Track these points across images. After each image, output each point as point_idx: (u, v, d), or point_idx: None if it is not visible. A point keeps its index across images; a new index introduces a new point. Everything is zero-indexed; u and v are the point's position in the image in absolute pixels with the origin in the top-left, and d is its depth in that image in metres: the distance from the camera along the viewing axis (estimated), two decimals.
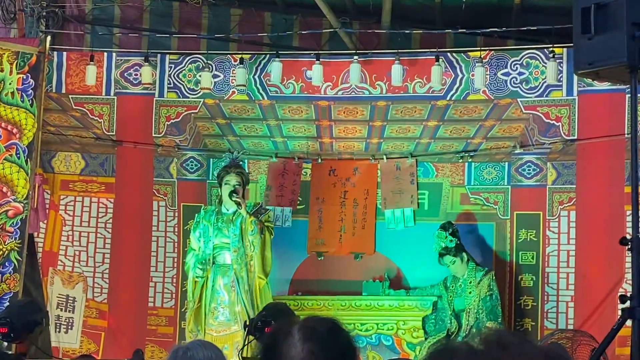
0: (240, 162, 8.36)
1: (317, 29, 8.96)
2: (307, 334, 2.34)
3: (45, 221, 8.50)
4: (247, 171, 8.48)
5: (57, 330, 8.53)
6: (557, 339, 6.67)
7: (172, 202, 8.83)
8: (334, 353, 2.36)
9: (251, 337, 6.04)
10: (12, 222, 8.13)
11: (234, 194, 7.97)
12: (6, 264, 8.06)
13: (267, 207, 8.48)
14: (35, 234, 8.45)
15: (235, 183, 8.03)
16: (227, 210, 8.04)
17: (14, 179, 8.18)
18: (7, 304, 7.63)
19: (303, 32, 9.07)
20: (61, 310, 8.57)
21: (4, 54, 8.29)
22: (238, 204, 7.96)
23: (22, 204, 8.15)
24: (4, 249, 8.09)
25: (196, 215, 8.27)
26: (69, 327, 8.62)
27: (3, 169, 8.18)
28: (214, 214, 8.09)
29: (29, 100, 8.27)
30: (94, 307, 8.68)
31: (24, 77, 8.28)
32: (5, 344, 6.08)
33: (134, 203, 8.81)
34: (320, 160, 8.96)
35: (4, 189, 8.17)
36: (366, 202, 8.90)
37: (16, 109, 8.25)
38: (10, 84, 8.26)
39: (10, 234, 8.10)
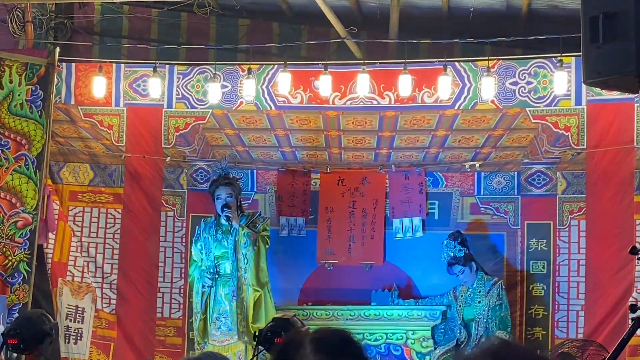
0: (229, 172, 8.23)
1: (325, 39, 8.97)
2: (319, 345, 2.34)
3: (54, 232, 8.52)
4: (236, 178, 8.34)
5: (67, 341, 8.53)
6: (567, 349, 6.65)
7: (181, 213, 8.83)
8: None
9: (260, 348, 6.05)
10: (22, 233, 8.15)
11: (224, 209, 7.91)
12: (15, 275, 8.08)
13: (264, 216, 8.41)
14: (45, 245, 8.46)
15: (226, 195, 7.98)
16: (225, 222, 8.02)
17: (23, 190, 8.20)
18: (17, 315, 7.64)
19: (311, 42, 9.09)
20: (70, 321, 8.57)
21: (13, 65, 8.32)
22: (228, 218, 7.91)
23: (31, 215, 8.17)
24: (13, 260, 8.10)
25: (197, 227, 8.28)
26: (79, 337, 8.62)
27: (12, 180, 8.20)
28: (213, 225, 8.09)
29: (37, 112, 8.29)
30: (103, 318, 8.68)
31: (33, 88, 8.31)
32: (15, 355, 6.08)
33: (142, 214, 8.82)
34: (328, 170, 8.95)
35: (13, 200, 8.18)
36: (375, 211, 8.88)
37: (25, 120, 8.28)
38: (19, 95, 8.28)
39: (19, 245, 8.12)
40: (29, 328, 6.01)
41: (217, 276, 7.94)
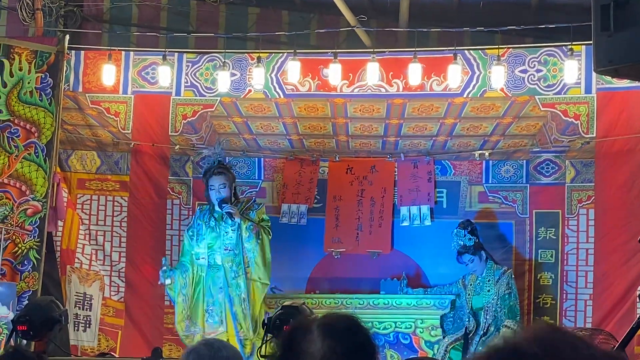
0: (220, 159, 7.93)
1: (334, 27, 8.96)
2: (326, 330, 2.34)
3: (63, 220, 8.53)
4: (230, 166, 8.07)
5: (76, 328, 8.55)
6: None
7: (187, 201, 8.83)
8: (353, 350, 2.35)
9: (270, 336, 6.05)
10: (31, 221, 8.16)
11: (223, 205, 7.64)
12: (25, 262, 8.10)
13: (259, 202, 8.16)
14: (54, 233, 8.48)
15: (219, 185, 7.71)
16: (219, 210, 7.81)
17: (32, 178, 8.22)
18: (27, 302, 7.66)
19: (320, 30, 9.07)
20: (79, 308, 8.60)
21: (23, 53, 8.32)
22: (230, 215, 7.65)
23: (41, 203, 8.18)
24: (23, 248, 8.12)
25: (192, 216, 8.22)
26: (87, 325, 8.65)
27: (22, 167, 8.21)
28: (207, 213, 7.89)
29: (47, 99, 8.30)
30: (111, 306, 8.70)
31: (43, 76, 8.31)
32: (25, 341, 6.09)
33: (148, 202, 8.83)
34: (337, 159, 8.95)
35: (23, 188, 8.20)
36: (383, 200, 8.87)
37: (35, 107, 8.29)
38: (28, 83, 8.29)
39: (29, 233, 8.13)
40: (38, 315, 6.00)
41: (181, 278, 7.76)
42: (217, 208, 7.80)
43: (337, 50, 8.39)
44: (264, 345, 6.23)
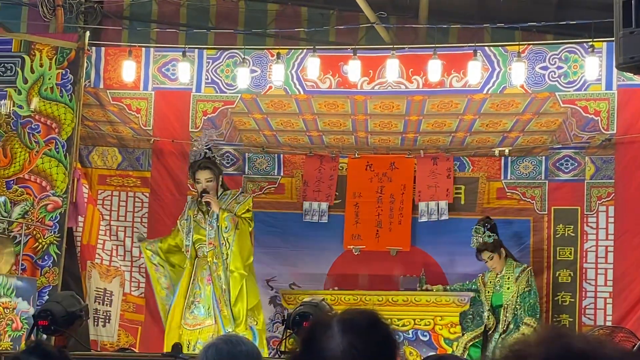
0: (207, 152, 7.72)
1: (353, 23, 8.96)
2: (346, 326, 2.32)
3: (83, 215, 8.56)
4: (216, 158, 7.85)
5: (96, 323, 8.59)
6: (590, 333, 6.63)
7: None
8: (374, 345, 2.31)
9: (289, 332, 6.06)
10: (52, 216, 8.21)
11: (203, 194, 7.55)
12: (45, 257, 8.14)
13: (246, 194, 8.03)
14: (74, 228, 8.52)
15: (205, 180, 7.58)
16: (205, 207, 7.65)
17: (53, 174, 8.26)
18: (47, 297, 7.70)
19: (340, 27, 9.07)
20: (99, 303, 8.63)
21: (44, 49, 8.36)
22: (208, 203, 7.55)
23: (61, 198, 8.22)
24: (44, 243, 8.16)
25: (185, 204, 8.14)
26: (107, 320, 8.68)
27: (42, 163, 8.25)
28: (195, 206, 7.74)
29: (68, 95, 8.34)
30: (131, 301, 8.73)
31: (63, 72, 8.35)
32: (45, 336, 6.12)
33: (169, 197, 8.85)
34: (357, 155, 8.95)
35: (44, 183, 8.24)
36: (403, 197, 8.86)
37: (55, 103, 8.33)
38: (49, 79, 8.33)
39: (49, 228, 8.18)
40: (59, 310, 6.03)
41: (151, 251, 7.72)
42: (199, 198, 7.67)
43: (357, 47, 8.39)
44: (283, 342, 6.25)
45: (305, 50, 8.44)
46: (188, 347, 7.38)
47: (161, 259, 7.80)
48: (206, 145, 7.68)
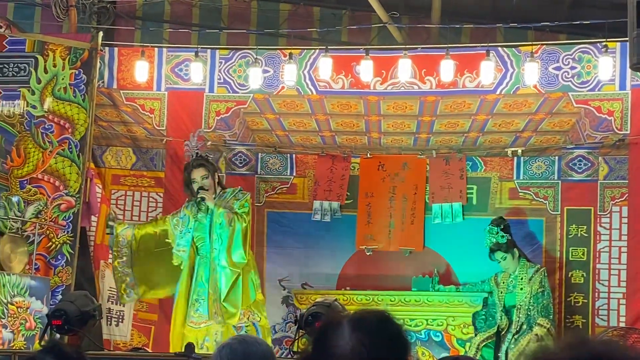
0: (198, 152, 7.80)
1: (366, 23, 8.96)
2: (356, 324, 2.32)
3: (97, 215, 8.59)
4: (208, 156, 7.95)
5: (109, 323, 8.61)
6: (609, 337, 6.61)
7: None
8: (383, 344, 2.31)
9: (302, 332, 6.06)
10: (65, 216, 8.23)
11: (199, 190, 7.58)
12: (59, 257, 8.17)
13: (245, 192, 7.97)
14: (87, 228, 8.54)
15: (201, 178, 7.63)
16: (202, 203, 7.66)
17: (66, 173, 8.29)
18: (60, 296, 7.72)
19: (352, 27, 9.07)
20: (112, 303, 8.65)
21: (57, 49, 8.38)
22: (203, 199, 7.59)
23: (75, 198, 8.24)
24: (57, 243, 8.19)
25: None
26: (120, 320, 8.70)
27: (56, 163, 8.28)
28: (194, 205, 7.75)
29: (81, 96, 8.36)
30: (144, 301, 8.74)
31: (77, 73, 8.38)
32: (58, 335, 6.14)
33: (183, 197, 8.84)
34: (369, 155, 8.94)
35: (57, 183, 8.27)
36: (415, 197, 8.85)
37: (69, 104, 8.35)
38: (62, 79, 8.36)
39: (62, 228, 8.20)
40: (73, 309, 6.05)
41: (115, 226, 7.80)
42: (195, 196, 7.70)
43: (369, 47, 8.39)
44: (296, 342, 6.25)
45: (317, 51, 8.44)
46: (196, 345, 7.39)
47: (131, 246, 7.85)
48: (195, 148, 7.76)
